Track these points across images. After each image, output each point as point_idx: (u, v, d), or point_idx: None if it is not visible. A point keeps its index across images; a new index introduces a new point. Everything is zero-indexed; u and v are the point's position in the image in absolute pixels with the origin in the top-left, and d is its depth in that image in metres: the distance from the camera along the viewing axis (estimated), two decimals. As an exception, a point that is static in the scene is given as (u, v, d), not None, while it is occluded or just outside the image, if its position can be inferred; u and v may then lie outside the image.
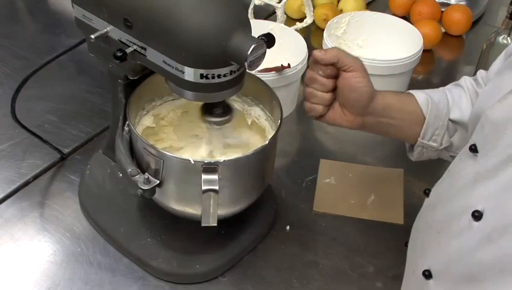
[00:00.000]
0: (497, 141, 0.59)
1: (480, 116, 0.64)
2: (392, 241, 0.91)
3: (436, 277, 0.64)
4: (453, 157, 0.82)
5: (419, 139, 0.81)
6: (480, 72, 0.83)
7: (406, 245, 0.76)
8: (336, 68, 0.75)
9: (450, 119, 0.80)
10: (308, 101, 0.79)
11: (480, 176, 0.60)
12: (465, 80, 0.83)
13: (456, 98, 0.81)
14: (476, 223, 0.58)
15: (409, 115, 0.80)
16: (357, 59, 0.76)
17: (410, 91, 0.82)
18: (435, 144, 0.81)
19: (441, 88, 0.84)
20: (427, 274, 0.65)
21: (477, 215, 0.58)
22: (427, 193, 0.74)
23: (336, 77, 0.76)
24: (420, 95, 0.81)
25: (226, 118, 0.77)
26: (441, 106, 0.80)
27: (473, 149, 0.63)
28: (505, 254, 0.54)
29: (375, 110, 0.78)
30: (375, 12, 1.30)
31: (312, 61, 0.77)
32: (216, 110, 0.76)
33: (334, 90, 0.78)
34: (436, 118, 0.79)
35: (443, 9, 1.42)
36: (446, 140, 0.81)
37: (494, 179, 0.58)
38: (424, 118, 0.79)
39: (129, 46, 0.71)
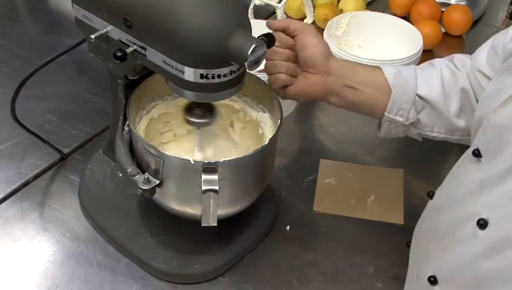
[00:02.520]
0: (501, 148, 0.59)
1: (482, 119, 0.64)
2: (392, 241, 0.91)
3: (442, 284, 0.64)
4: (420, 135, 0.83)
5: (385, 113, 0.80)
6: (458, 57, 0.83)
7: (408, 246, 0.76)
8: (290, 37, 0.78)
9: (417, 94, 0.79)
10: (269, 73, 0.81)
11: (486, 183, 0.60)
12: (439, 61, 0.83)
13: (427, 75, 0.81)
14: (481, 232, 0.58)
15: (374, 84, 0.80)
16: (306, 24, 0.79)
17: (379, 65, 0.83)
18: (401, 119, 0.80)
19: (412, 65, 0.84)
20: (433, 280, 0.64)
21: (482, 224, 0.58)
22: (430, 195, 0.73)
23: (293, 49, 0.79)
24: (387, 68, 0.81)
25: (205, 120, 0.77)
26: (409, 79, 0.80)
27: (476, 154, 0.62)
28: (510, 266, 0.54)
29: (335, 69, 0.79)
30: (375, 12, 1.30)
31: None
32: (197, 110, 0.76)
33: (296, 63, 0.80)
34: (403, 93, 0.79)
35: (443, 10, 1.42)
36: (413, 115, 0.80)
37: (499, 188, 0.57)
38: (390, 89, 0.79)
39: (129, 46, 0.71)
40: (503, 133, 0.59)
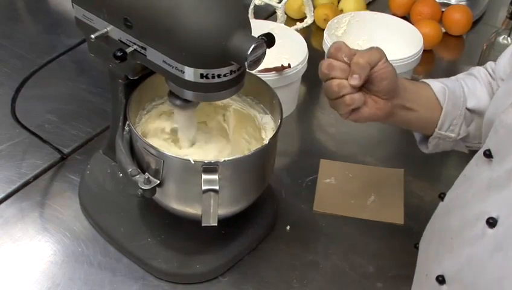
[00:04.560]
0: (511, 146, 0.59)
1: (493, 120, 0.63)
2: (392, 241, 0.91)
3: (450, 283, 0.63)
4: (468, 148, 0.82)
5: (436, 130, 0.78)
6: (490, 64, 0.81)
7: (416, 247, 0.76)
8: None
9: (467, 108, 0.78)
10: (342, 93, 0.72)
11: (495, 182, 0.60)
12: (478, 70, 0.81)
13: (471, 87, 0.79)
14: (490, 231, 0.58)
15: (425, 100, 0.78)
16: (378, 48, 0.73)
17: (424, 80, 0.80)
18: (452, 135, 0.79)
19: (453, 77, 0.82)
20: (441, 280, 0.64)
21: (491, 223, 0.57)
22: (442, 197, 0.73)
23: None
24: (435, 83, 0.79)
25: (190, 103, 0.75)
26: (457, 94, 0.78)
27: (488, 155, 0.62)
28: None
29: (399, 91, 0.75)
30: (376, 12, 1.30)
31: (337, 47, 0.72)
32: None
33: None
34: (453, 107, 0.77)
35: (443, 10, 1.42)
36: (464, 130, 0.79)
37: (509, 186, 0.57)
38: (440, 107, 0.77)
39: (129, 46, 0.71)
40: None
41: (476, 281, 0.59)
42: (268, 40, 0.68)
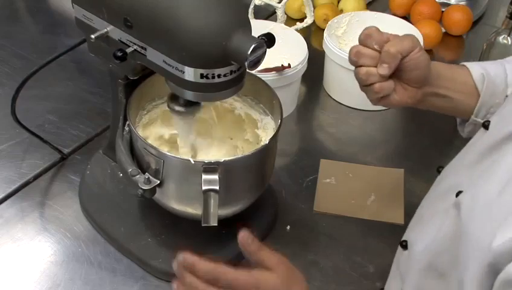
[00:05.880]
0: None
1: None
2: (392, 241, 0.91)
3: (411, 249, 0.64)
4: None
5: (472, 116, 0.77)
6: None
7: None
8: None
9: (507, 96, 0.75)
10: (369, 82, 0.71)
11: (474, 159, 0.61)
12: None
13: None
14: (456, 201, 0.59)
15: (461, 87, 0.76)
16: (412, 36, 0.72)
17: (465, 63, 0.78)
18: None
19: (499, 60, 0.79)
20: (404, 245, 0.65)
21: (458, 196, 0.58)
22: (439, 171, 0.73)
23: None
24: (475, 69, 0.76)
25: (188, 109, 0.75)
26: (498, 82, 0.75)
27: (486, 126, 0.62)
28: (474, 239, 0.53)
29: (430, 79, 0.74)
30: (376, 12, 1.30)
31: (367, 34, 0.71)
32: (180, 99, 0.74)
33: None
34: (492, 96, 0.75)
35: (443, 10, 1.42)
36: None
37: (480, 164, 0.58)
38: (478, 94, 0.75)
39: (129, 46, 0.71)
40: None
41: (434, 250, 0.61)
42: (269, 40, 0.68)
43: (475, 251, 0.52)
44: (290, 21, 1.42)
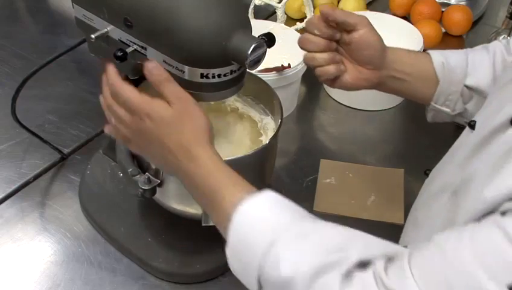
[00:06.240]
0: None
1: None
2: (392, 241, 0.91)
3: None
4: (467, 124, 0.82)
5: (431, 103, 0.79)
6: (510, 40, 0.80)
7: None
8: (335, 28, 0.73)
9: (465, 85, 0.77)
10: (312, 65, 0.76)
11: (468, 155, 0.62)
12: (495, 45, 0.79)
13: (477, 63, 0.78)
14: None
15: (421, 73, 0.78)
16: (362, 16, 0.74)
17: (429, 51, 0.80)
18: (447, 110, 0.79)
19: (463, 50, 0.81)
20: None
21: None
22: (427, 173, 0.75)
23: (330, 38, 0.74)
24: (436, 57, 0.78)
25: None
26: (457, 71, 0.77)
27: (472, 126, 0.63)
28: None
29: (387, 62, 0.76)
30: (375, 12, 1.30)
31: (309, 21, 0.75)
32: None
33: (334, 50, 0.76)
34: (450, 84, 0.77)
35: (443, 10, 1.42)
36: (460, 106, 0.79)
37: (471, 162, 0.59)
38: (437, 81, 0.77)
39: (129, 46, 0.71)
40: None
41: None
42: (269, 40, 0.68)
43: None
44: (290, 21, 1.42)
